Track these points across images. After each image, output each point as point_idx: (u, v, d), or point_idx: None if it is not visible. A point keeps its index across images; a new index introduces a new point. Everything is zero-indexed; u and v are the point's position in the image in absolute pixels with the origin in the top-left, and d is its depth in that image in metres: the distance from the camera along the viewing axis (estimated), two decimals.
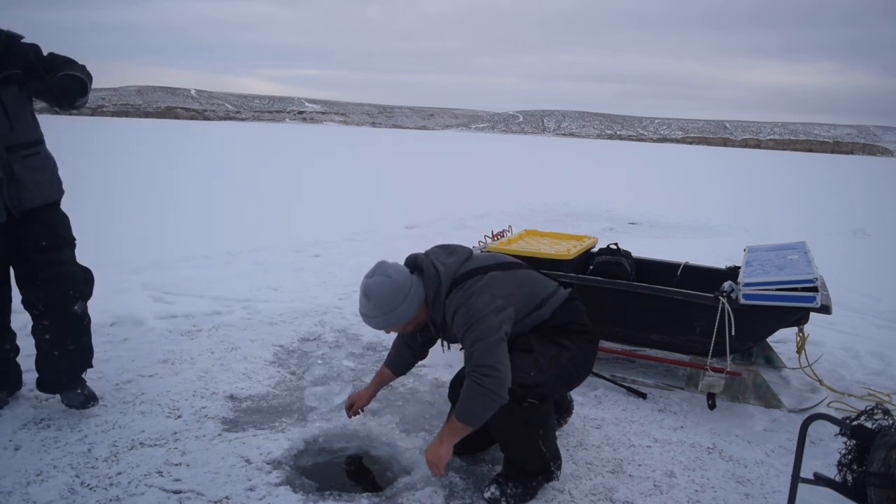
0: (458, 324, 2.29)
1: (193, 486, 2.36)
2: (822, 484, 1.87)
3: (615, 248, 4.02)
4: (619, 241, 4.23)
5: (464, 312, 2.27)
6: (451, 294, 2.35)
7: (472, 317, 2.24)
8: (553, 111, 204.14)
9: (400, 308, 2.34)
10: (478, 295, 2.29)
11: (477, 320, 2.23)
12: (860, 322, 5.01)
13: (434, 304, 2.38)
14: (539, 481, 2.44)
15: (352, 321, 4.50)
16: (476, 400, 2.17)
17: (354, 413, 2.78)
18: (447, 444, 2.27)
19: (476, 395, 2.16)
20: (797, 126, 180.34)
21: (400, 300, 2.34)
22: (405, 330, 2.49)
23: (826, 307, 3.12)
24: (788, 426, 3.10)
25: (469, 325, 2.24)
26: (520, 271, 2.50)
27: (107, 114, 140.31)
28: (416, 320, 2.43)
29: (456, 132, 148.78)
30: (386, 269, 2.39)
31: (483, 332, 2.21)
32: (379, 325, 2.40)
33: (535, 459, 2.40)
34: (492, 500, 2.35)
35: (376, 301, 2.34)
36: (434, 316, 2.40)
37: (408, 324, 2.42)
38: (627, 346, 3.84)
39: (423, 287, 2.39)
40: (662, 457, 2.77)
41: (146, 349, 3.74)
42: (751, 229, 10.28)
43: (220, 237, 7.33)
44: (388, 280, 2.35)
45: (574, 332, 2.46)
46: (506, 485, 2.37)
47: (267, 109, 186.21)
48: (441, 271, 2.38)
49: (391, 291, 2.33)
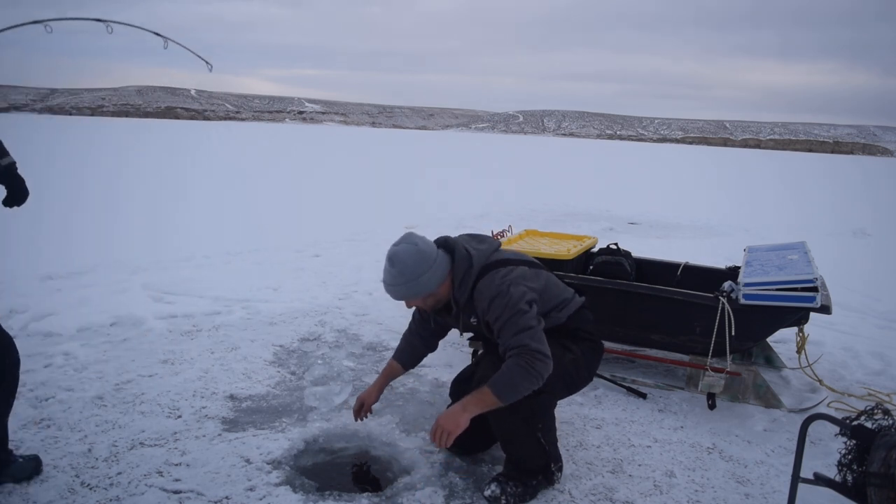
0: (495, 311, 2.31)
1: (193, 486, 2.36)
2: (822, 484, 1.87)
3: (615, 248, 4.02)
4: (619, 241, 4.23)
5: (504, 301, 2.30)
6: (482, 279, 2.38)
7: (514, 306, 2.28)
8: (553, 111, 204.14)
9: (423, 277, 2.35)
10: (515, 286, 2.33)
11: (519, 310, 2.28)
12: (860, 322, 5.00)
13: (462, 284, 2.40)
14: (539, 481, 2.44)
15: (352, 321, 4.50)
16: (522, 378, 2.21)
17: (365, 414, 2.73)
18: (469, 414, 2.25)
19: (523, 373, 2.20)
20: (797, 126, 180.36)
21: (424, 269, 2.35)
22: (425, 304, 2.46)
23: (826, 307, 3.12)
24: (788, 426, 3.10)
25: (514, 312, 2.27)
26: (543, 272, 2.55)
27: (107, 114, 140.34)
28: (438, 295, 2.43)
29: (456, 132, 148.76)
30: (413, 238, 2.40)
31: (528, 321, 2.27)
32: (400, 294, 2.40)
33: (535, 456, 2.40)
34: (492, 497, 2.35)
35: (400, 268, 2.34)
36: (459, 296, 2.42)
37: (429, 296, 2.41)
38: (627, 346, 3.84)
39: (449, 263, 2.41)
40: (662, 457, 2.77)
41: (146, 349, 3.74)
42: (751, 229, 10.27)
43: (220, 237, 7.33)
44: (415, 248, 2.36)
45: (581, 339, 2.53)
46: (506, 483, 2.37)
47: (267, 109, 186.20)
48: (473, 255, 2.42)
49: (416, 260, 2.34)
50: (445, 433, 2.23)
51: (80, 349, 3.64)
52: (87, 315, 4.17)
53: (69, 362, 3.46)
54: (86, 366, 3.43)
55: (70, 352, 3.59)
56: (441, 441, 2.24)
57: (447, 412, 2.28)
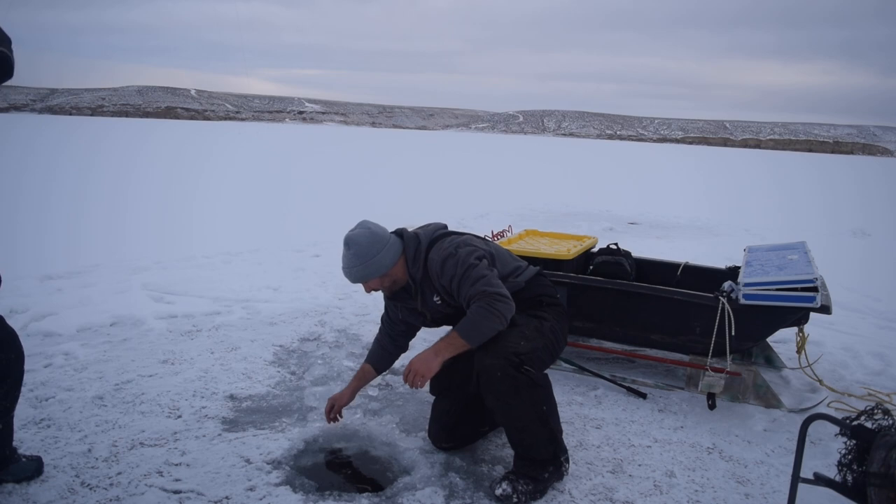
0: (448, 272, 2.43)
1: (193, 486, 2.36)
2: (822, 484, 1.87)
3: (615, 248, 4.02)
4: (619, 241, 4.23)
5: (454, 261, 2.43)
6: (431, 249, 2.52)
7: (465, 261, 2.42)
8: (553, 111, 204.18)
9: (378, 256, 2.47)
10: (463, 247, 2.49)
11: (471, 263, 2.42)
12: (860, 322, 5.00)
13: (415, 260, 2.53)
14: (551, 473, 2.43)
15: (352, 321, 4.50)
16: (485, 318, 2.32)
17: (335, 417, 2.75)
18: (440, 358, 2.36)
19: (486, 314, 2.32)
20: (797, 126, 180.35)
21: (378, 249, 2.47)
22: (383, 285, 2.56)
23: (826, 307, 3.12)
24: (788, 426, 3.10)
25: (466, 267, 2.41)
26: (491, 242, 2.69)
27: (106, 114, 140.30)
28: (394, 275, 2.54)
29: (456, 132, 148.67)
30: (367, 223, 2.55)
31: (480, 271, 2.40)
32: (358, 275, 2.50)
33: (543, 443, 2.39)
34: (503, 496, 2.33)
35: (356, 250, 2.47)
36: (414, 272, 2.54)
37: (385, 277, 2.52)
38: (627, 346, 3.84)
39: (401, 245, 2.55)
40: (662, 457, 2.77)
41: (146, 349, 3.74)
42: (751, 229, 10.28)
43: (220, 237, 7.33)
44: (368, 231, 2.51)
45: (546, 305, 2.61)
46: (517, 481, 2.36)
47: (267, 109, 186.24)
48: (420, 233, 2.60)
49: (370, 241, 2.48)
50: (419, 376, 2.34)
51: (80, 349, 3.64)
52: (87, 315, 4.17)
53: (69, 362, 3.46)
54: (86, 366, 3.43)
55: (70, 352, 3.59)
56: (413, 382, 2.35)
57: (419, 355, 2.38)
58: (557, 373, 3.62)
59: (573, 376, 3.59)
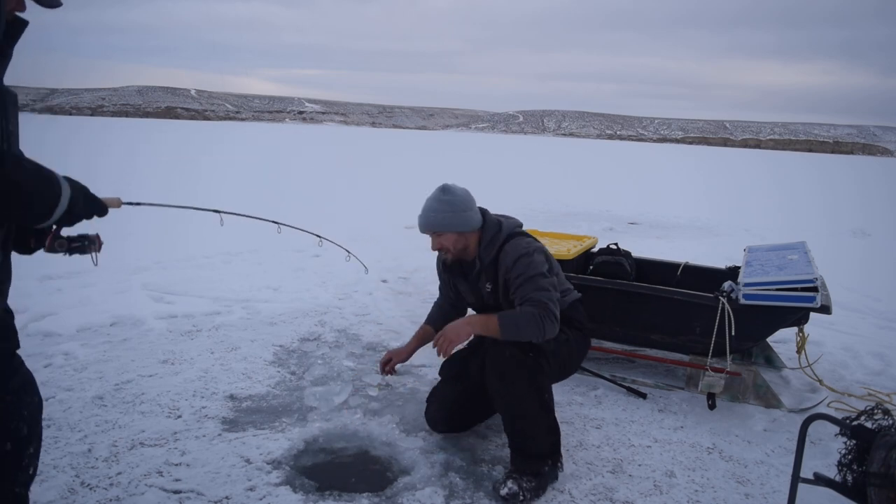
0: (518, 269, 2.50)
1: (193, 486, 2.36)
2: (822, 484, 1.87)
3: (615, 248, 4.02)
4: (619, 241, 4.23)
5: (528, 261, 2.51)
6: (508, 242, 2.58)
7: (538, 268, 2.51)
8: (553, 111, 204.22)
9: (468, 213, 2.56)
10: (539, 253, 2.57)
11: (541, 273, 2.51)
12: (860, 322, 5.00)
13: (490, 244, 2.60)
14: (550, 466, 2.45)
15: (352, 321, 4.50)
16: (529, 324, 2.41)
17: (390, 370, 2.87)
18: (471, 328, 2.47)
19: (532, 321, 2.41)
20: (797, 126, 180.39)
21: (470, 206, 2.58)
22: (455, 246, 2.59)
23: (826, 307, 3.12)
24: (788, 426, 3.10)
25: (536, 273, 2.49)
26: (553, 259, 2.76)
27: (106, 114, 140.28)
28: (467, 241, 2.60)
29: (456, 132, 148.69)
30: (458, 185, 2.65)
31: (548, 284, 2.50)
32: (442, 222, 2.54)
33: (542, 433, 2.43)
34: (510, 495, 2.32)
35: (451, 197, 2.55)
36: (485, 255, 2.60)
37: (461, 237, 2.58)
38: (627, 346, 3.84)
39: (481, 220, 2.62)
40: (662, 457, 2.77)
41: (146, 349, 3.74)
42: (751, 229, 10.28)
43: (219, 237, 7.32)
44: (464, 188, 2.63)
45: (573, 328, 2.70)
46: (521, 479, 2.36)
47: (267, 109, 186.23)
48: (503, 222, 2.67)
49: (465, 196, 2.59)
50: (448, 341, 2.43)
51: (80, 349, 3.64)
52: (87, 315, 4.17)
53: (69, 362, 3.46)
54: (86, 366, 3.43)
55: (70, 352, 3.59)
56: (442, 346, 2.44)
57: (452, 324, 2.49)
58: None
59: (573, 376, 3.57)
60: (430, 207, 2.57)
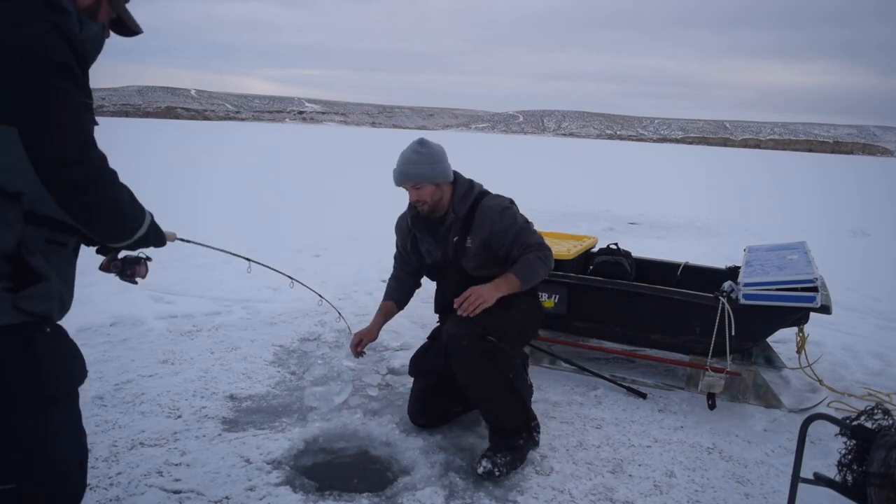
0: (507, 220, 2.66)
1: (193, 486, 2.36)
2: (822, 484, 1.87)
3: (615, 248, 4.02)
4: (619, 241, 4.23)
5: (512, 213, 2.69)
6: (482, 199, 2.71)
7: (523, 220, 2.72)
8: (553, 111, 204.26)
9: (444, 164, 2.67)
10: (514, 205, 2.75)
11: (528, 222, 2.74)
12: (860, 322, 5.00)
13: (463, 199, 2.70)
14: (525, 440, 2.54)
15: (351, 321, 4.48)
16: (541, 266, 2.64)
17: (361, 351, 2.89)
18: (499, 292, 2.55)
19: (542, 264, 2.65)
20: (797, 126, 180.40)
21: (445, 158, 2.70)
22: (432, 197, 2.67)
23: (826, 307, 3.12)
24: (788, 426, 3.10)
25: (525, 221, 2.72)
26: None
27: (106, 114, 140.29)
28: (443, 192, 2.70)
29: (456, 132, 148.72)
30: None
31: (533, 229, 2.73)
32: (422, 173, 2.62)
33: (512, 410, 2.52)
34: (485, 472, 2.43)
35: (428, 149, 2.65)
36: (458, 208, 2.69)
37: (438, 188, 2.67)
38: (627, 346, 3.84)
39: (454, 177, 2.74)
40: (662, 457, 2.77)
41: (146, 349, 3.74)
42: (751, 229, 10.28)
43: (219, 237, 7.31)
44: (438, 144, 2.74)
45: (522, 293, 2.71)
46: (495, 456, 2.47)
47: (267, 109, 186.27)
48: (473, 180, 2.82)
49: (440, 148, 2.71)
50: (481, 298, 2.49)
51: (80, 349, 3.63)
52: (87, 315, 4.16)
53: None
54: None
55: None
56: (471, 305, 2.47)
57: (480, 287, 2.54)
58: (557, 373, 3.62)
59: (573, 376, 3.59)
60: (408, 159, 2.63)
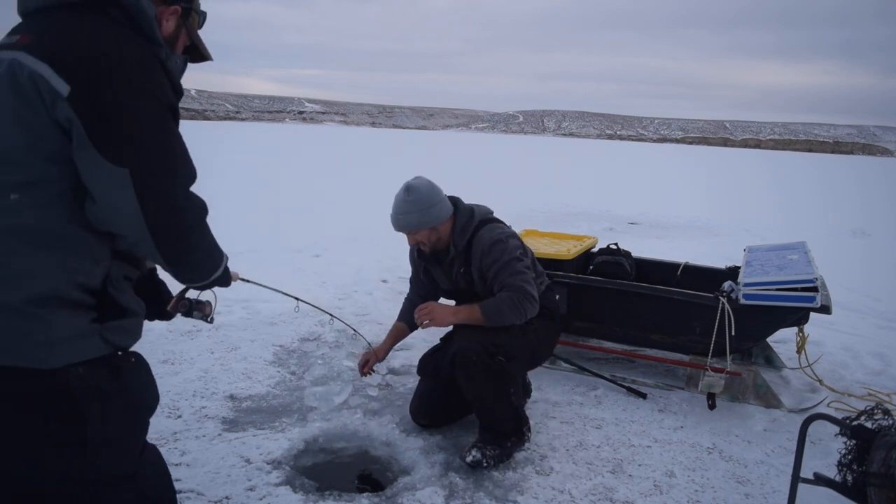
0: (494, 255, 2.58)
1: (193, 485, 2.36)
2: (822, 484, 1.87)
3: (615, 248, 4.02)
4: (619, 241, 4.23)
5: (503, 247, 2.59)
6: (481, 228, 2.65)
7: (512, 252, 2.59)
8: (553, 111, 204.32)
9: (434, 208, 2.60)
10: (513, 238, 2.66)
11: (517, 257, 2.60)
12: (860, 322, 5.00)
13: (463, 230, 2.66)
14: (513, 442, 2.61)
15: (352, 321, 4.49)
16: (511, 309, 2.51)
17: (368, 371, 2.88)
18: (456, 318, 2.57)
19: (513, 306, 2.51)
20: (797, 126, 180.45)
21: (436, 200, 2.61)
22: (429, 239, 2.65)
23: (826, 307, 3.12)
24: (788, 426, 3.10)
25: (512, 258, 2.58)
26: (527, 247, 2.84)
27: None
28: (440, 233, 2.66)
29: (456, 132, 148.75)
30: (424, 177, 2.69)
31: (523, 268, 2.59)
32: (412, 222, 2.59)
33: (507, 418, 2.59)
34: (474, 462, 2.49)
35: (416, 196, 2.58)
36: (458, 241, 2.66)
37: (433, 231, 2.63)
38: (627, 346, 3.84)
39: (452, 209, 2.69)
40: (662, 457, 2.77)
41: (146, 349, 3.69)
42: (751, 229, 10.27)
43: (219, 237, 7.30)
44: (428, 182, 2.65)
45: (541, 315, 2.71)
46: (485, 448, 2.54)
47: (267, 109, 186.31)
48: (475, 209, 2.74)
49: (430, 191, 2.61)
50: (432, 317, 2.53)
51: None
52: None
53: None
54: None
55: None
56: (425, 318, 2.53)
57: (442, 305, 2.59)
58: (557, 373, 3.62)
59: (573, 376, 3.59)
60: (398, 209, 2.62)
